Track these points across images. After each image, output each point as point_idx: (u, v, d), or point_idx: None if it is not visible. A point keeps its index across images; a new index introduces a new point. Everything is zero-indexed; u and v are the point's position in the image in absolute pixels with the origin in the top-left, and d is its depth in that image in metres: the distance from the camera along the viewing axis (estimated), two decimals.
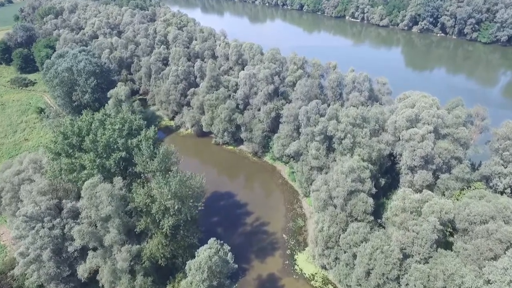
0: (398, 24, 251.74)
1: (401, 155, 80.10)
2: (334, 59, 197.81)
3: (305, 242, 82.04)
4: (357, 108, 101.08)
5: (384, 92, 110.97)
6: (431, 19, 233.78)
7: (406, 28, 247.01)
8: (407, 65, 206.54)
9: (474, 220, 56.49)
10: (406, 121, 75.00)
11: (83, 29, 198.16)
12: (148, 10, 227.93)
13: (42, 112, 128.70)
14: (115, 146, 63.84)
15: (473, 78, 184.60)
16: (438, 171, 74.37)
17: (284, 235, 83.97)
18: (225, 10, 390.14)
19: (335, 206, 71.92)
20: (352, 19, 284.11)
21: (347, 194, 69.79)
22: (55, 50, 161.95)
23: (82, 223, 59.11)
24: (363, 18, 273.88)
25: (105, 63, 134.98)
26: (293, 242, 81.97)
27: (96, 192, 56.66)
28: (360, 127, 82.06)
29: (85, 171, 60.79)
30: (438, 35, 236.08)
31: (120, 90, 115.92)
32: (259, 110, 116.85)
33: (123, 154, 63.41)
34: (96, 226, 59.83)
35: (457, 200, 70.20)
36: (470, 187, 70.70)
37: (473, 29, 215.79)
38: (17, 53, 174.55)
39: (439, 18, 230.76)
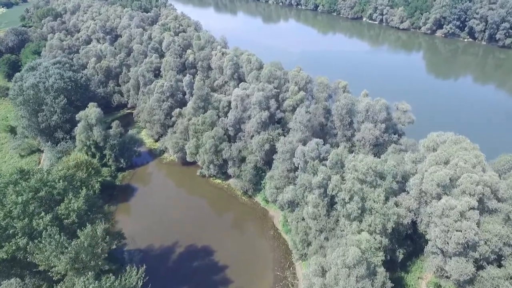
0: (420, 28, 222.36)
1: (427, 225, 56.81)
2: (348, 65, 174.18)
3: None
4: (368, 152, 78.19)
5: (404, 121, 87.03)
6: (457, 23, 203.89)
7: (429, 32, 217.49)
8: (429, 72, 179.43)
9: None
10: (437, 186, 51.44)
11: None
12: (151, 12, 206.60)
13: (11, 132, 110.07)
14: (11, 232, 43.41)
15: (505, 89, 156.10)
16: (483, 260, 50.74)
17: None
18: (238, 10, 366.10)
19: None
20: (370, 21, 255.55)
21: None
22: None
23: None
24: (381, 20, 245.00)
25: (82, 76, 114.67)
26: None
27: None
28: (372, 185, 58.78)
29: None
30: (465, 40, 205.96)
31: (91, 112, 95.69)
32: (252, 137, 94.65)
33: (24, 242, 42.83)
34: None
35: None
36: None
37: (507, 34, 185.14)
38: (4, 59, 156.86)
39: (467, 22, 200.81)
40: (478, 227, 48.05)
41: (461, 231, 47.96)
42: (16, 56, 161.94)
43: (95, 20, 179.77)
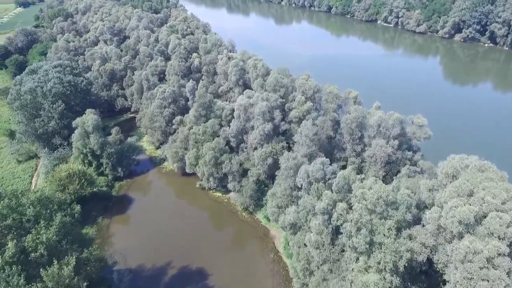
0: (437, 31, 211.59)
1: (446, 265, 48.99)
2: (360, 68, 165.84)
3: None
4: (379, 170, 70.52)
5: (420, 137, 78.68)
6: (478, 27, 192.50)
7: (447, 36, 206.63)
8: (446, 77, 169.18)
9: None
10: (459, 224, 43.68)
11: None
12: (160, 13, 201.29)
13: (10, 136, 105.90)
14: None
15: None
16: None
17: None
18: (250, 10, 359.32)
19: None
20: (385, 24, 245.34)
21: None
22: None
23: None
24: (397, 23, 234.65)
25: (82, 81, 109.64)
26: None
27: None
28: (383, 216, 51.19)
29: None
30: (486, 45, 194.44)
31: (88, 119, 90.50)
32: (255, 149, 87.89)
33: None
34: None
35: None
36: None
37: None
38: (11, 60, 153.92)
39: (488, 26, 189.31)
40: (508, 277, 40.22)
41: (488, 280, 40.22)
42: (24, 57, 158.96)
43: (104, 21, 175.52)
